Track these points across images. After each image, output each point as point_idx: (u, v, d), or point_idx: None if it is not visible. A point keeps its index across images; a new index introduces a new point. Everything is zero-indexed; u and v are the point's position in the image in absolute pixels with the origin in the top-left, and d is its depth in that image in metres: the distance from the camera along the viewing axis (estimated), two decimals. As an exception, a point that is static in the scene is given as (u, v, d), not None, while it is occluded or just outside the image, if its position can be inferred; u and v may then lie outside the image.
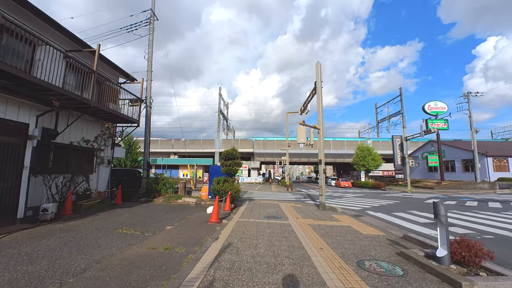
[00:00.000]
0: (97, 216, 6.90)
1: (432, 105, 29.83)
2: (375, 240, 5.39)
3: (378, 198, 16.16)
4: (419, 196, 18.41)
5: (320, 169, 10.26)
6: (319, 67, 11.17)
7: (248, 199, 13.22)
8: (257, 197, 15.63)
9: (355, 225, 6.93)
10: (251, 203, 11.55)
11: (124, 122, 11.26)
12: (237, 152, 10.09)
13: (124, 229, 5.32)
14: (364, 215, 9.23)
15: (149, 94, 13.07)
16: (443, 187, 27.27)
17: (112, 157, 11.32)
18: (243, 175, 45.95)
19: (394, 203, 13.42)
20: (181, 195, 10.58)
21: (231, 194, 9.18)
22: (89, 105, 8.22)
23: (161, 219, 6.69)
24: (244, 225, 6.32)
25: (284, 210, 9.38)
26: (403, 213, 9.77)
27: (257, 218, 7.46)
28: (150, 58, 13.44)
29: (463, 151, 29.11)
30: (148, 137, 12.74)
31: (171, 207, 8.97)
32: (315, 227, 6.48)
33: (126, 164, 22.97)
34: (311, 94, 12.68)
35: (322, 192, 10.03)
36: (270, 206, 10.63)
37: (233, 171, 9.64)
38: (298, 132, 9.73)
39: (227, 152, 9.87)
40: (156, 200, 10.04)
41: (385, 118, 58.19)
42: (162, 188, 10.78)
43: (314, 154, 46.84)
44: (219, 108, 52.19)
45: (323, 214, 8.78)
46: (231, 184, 9.44)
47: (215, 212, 6.48)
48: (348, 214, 9.22)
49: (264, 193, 19.52)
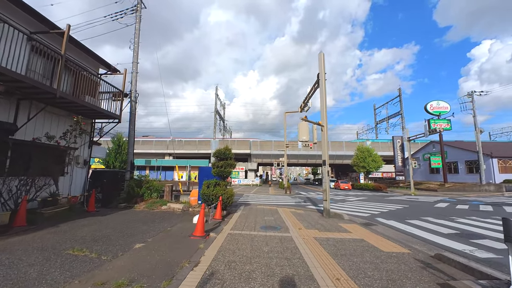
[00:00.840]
0: (55, 228, 5.63)
1: (434, 104, 28.95)
2: (401, 261, 4.22)
3: (383, 202, 15.05)
4: (425, 199, 17.33)
5: (324, 170, 9.10)
6: (323, 58, 10.05)
7: (243, 204, 12.00)
8: (254, 201, 14.41)
9: (370, 238, 5.76)
10: (247, 209, 10.33)
11: (104, 117, 10.00)
12: (231, 151, 8.89)
13: (77, 249, 4.08)
14: (375, 223, 8.07)
15: (134, 87, 11.82)
16: (447, 190, 26.31)
17: (90, 156, 10.04)
18: (239, 177, 44.72)
19: (403, 207, 12.29)
20: (167, 200, 9.33)
21: (223, 200, 7.96)
22: (54, 95, 6.96)
23: (134, 233, 5.44)
24: (235, 241, 5.11)
25: (283, 218, 8.19)
26: (418, 220, 8.64)
27: (252, 230, 6.25)
28: (136, 48, 12.20)
29: (467, 152, 28.23)
30: (132, 135, 11.48)
31: (152, 215, 7.72)
32: (322, 242, 5.29)
33: (114, 166, 21.60)
34: (312, 88, 11.55)
35: (327, 197, 8.87)
36: (267, 212, 9.43)
37: (225, 173, 8.43)
38: (300, 128, 8.58)
39: (219, 152, 8.66)
40: (138, 206, 8.78)
41: (384, 119, 57.62)
42: (146, 192, 9.52)
43: (313, 156, 45.78)
44: (216, 108, 50.96)
45: (329, 223, 7.60)
46: (223, 188, 8.22)
47: (200, 224, 5.26)
48: (357, 222, 8.05)
49: (261, 197, 18.32)
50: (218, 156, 8.63)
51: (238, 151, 45.01)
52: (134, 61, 12.08)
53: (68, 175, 8.90)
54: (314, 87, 11.36)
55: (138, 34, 12.33)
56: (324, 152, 9.20)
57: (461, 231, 6.91)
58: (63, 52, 7.26)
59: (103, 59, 10.29)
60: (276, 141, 46.04)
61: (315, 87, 11.07)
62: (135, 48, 12.16)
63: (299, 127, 8.63)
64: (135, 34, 12.29)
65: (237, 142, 47.48)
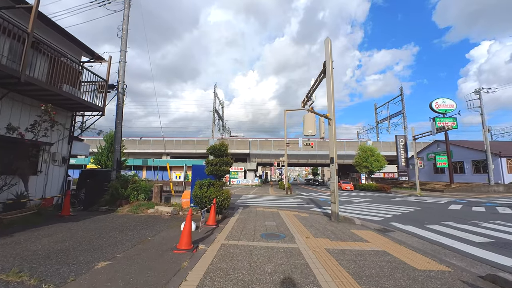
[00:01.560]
0: (7, 239, 4.57)
1: (439, 102, 28.04)
2: (445, 284, 3.20)
3: (391, 204, 14.04)
4: (434, 200, 16.33)
5: (332, 169, 8.08)
6: (329, 44, 9.04)
7: (241, 206, 10.97)
8: (253, 203, 13.37)
9: (394, 250, 4.73)
10: (245, 212, 9.30)
11: (85, 109, 8.96)
12: (227, 147, 7.87)
13: (15, 271, 3.03)
14: (391, 229, 7.05)
15: (122, 78, 10.78)
16: (454, 190, 25.35)
17: (69, 153, 8.99)
18: (238, 177, 43.70)
19: (415, 210, 11.28)
20: (155, 203, 8.29)
21: (218, 203, 6.93)
22: (18, 79, 5.92)
23: (104, 245, 4.39)
24: (230, 256, 4.08)
25: (287, 223, 7.16)
26: (439, 225, 7.62)
27: (251, 239, 5.22)
28: (125, 36, 11.16)
29: (473, 151, 27.29)
30: (119, 131, 10.42)
31: (135, 220, 6.67)
32: (338, 256, 4.27)
33: (107, 165, 20.57)
34: (317, 79, 10.53)
35: (335, 199, 7.84)
36: (268, 216, 8.40)
37: (220, 172, 7.39)
38: (305, 121, 7.55)
39: (213, 148, 7.63)
40: (121, 209, 7.73)
41: (385, 119, 56.67)
42: (132, 193, 8.48)
43: (313, 155, 44.81)
44: (214, 107, 49.94)
45: (340, 230, 6.58)
46: (218, 189, 7.19)
47: (186, 234, 4.22)
48: (371, 228, 7.03)
49: (261, 198, 17.29)
50: (213, 152, 7.59)
51: (237, 151, 43.98)
52: (122, 50, 11.03)
53: (42, 174, 7.85)
54: (319, 78, 10.34)
55: (127, 21, 11.29)
56: (332, 149, 8.18)
57: (496, 239, 5.90)
58: (30, 30, 6.21)
59: (86, 45, 9.25)
60: (276, 140, 45.04)
61: (321, 77, 10.06)
62: (123, 36, 11.12)
63: (304, 120, 7.61)
64: (124, 20, 11.25)
65: (236, 141, 46.45)
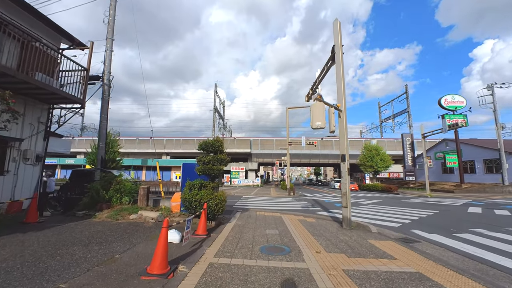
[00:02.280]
0: None
1: (449, 99, 26.81)
2: None
3: (402, 206, 12.90)
4: (448, 202, 15.15)
5: (344, 169, 6.99)
6: (339, 26, 7.96)
7: (240, 209, 9.90)
8: (253, 205, 12.30)
9: (431, 272, 3.65)
10: (244, 216, 8.23)
11: (62, 101, 7.96)
12: (222, 143, 6.82)
13: None
14: (415, 238, 5.96)
15: (108, 68, 9.76)
16: (465, 191, 24.12)
17: (45, 151, 7.98)
18: (239, 177, 42.66)
19: (433, 214, 10.15)
20: (140, 207, 7.25)
21: (210, 208, 5.87)
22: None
23: (52, 266, 3.35)
24: (218, 283, 3.02)
25: (292, 231, 6.09)
26: (469, 234, 6.51)
27: (247, 255, 4.15)
28: (111, 23, 10.15)
29: (485, 150, 26.02)
30: (104, 126, 9.40)
31: (111, 228, 5.63)
32: (362, 282, 3.19)
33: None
34: (324, 68, 9.47)
35: (347, 203, 6.75)
36: (270, 221, 7.33)
37: (213, 172, 6.32)
38: (313, 111, 6.47)
39: (205, 144, 6.57)
40: (100, 214, 6.70)
41: (389, 118, 55.46)
42: (114, 196, 7.45)
43: (316, 155, 43.63)
44: (214, 105, 48.94)
45: (355, 240, 5.49)
46: (211, 191, 6.12)
47: (160, 254, 3.16)
48: (391, 237, 5.94)
49: (261, 199, 16.20)
50: (205, 148, 6.54)
51: (238, 151, 42.95)
52: (109, 37, 10.02)
53: (11, 174, 6.84)
54: (326, 67, 9.27)
55: (114, 6, 10.27)
56: (343, 145, 7.09)
57: (551, 254, 4.79)
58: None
59: (64, 30, 8.24)
60: (277, 140, 43.97)
61: (328, 65, 8.99)
62: (110, 22, 10.10)
63: (312, 110, 6.53)
64: (110, 6, 10.24)
65: (237, 140, 45.43)
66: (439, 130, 20.39)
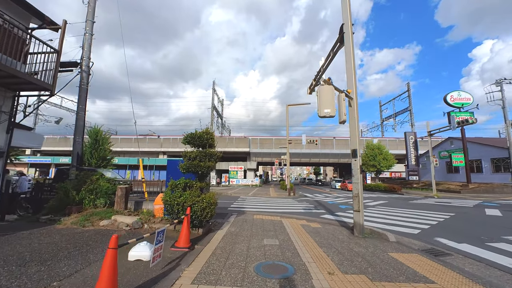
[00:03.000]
0: None
1: (455, 95, 25.82)
2: None
3: (412, 208, 11.88)
4: (459, 203, 14.14)
5: (355, 166, 5.96)
6: (348, 3, 6.92)
7: (236, 212, 8.85)
8: (251, 207, 11.25)
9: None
10: (239, 220, 7.18)
11: (27, 87, 6.87)
12: (211, 135, 5.77)
13: None
14: (442, 249, 4.93)
15: (87, 53, 8.69)
16: (472, 191, 23.14)
17: (8, 145, 6.90)
18: (238, 176, 41.61)
19: (450, 217, 9.12)
20: (116, 210, 6.19)
21: (195, 213, 4.82)
22: None
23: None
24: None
25: (295, 241, 5.04)
26: (505, 243, 5.49)
27: (238, 280, 3.10)
28: (92, 3, 9.07)
29: (493, 148, 25.05)
30: (82, 118, 8.33)
31: (70, 239, 4.56)
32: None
33: (90, 163, 18.53)
34: (330, 54, 8.42)
35: (359, 206, 5.71)
36: (268, 227, 6.29)
37: (201, 169, 5.27)
38: (320, 97, 5.40)
39: (191, 136, 5.52)
40: (66, 220, 5.64)
41: (390, 116, 54.55)
42: (86, 197, 6.39)
43: (316, 154, 42.62)
44: (212, 103, 47.94)
45: (373, 253, 4.45)
46: (197, 192, 5.07)
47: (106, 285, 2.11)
48: (414, 248, 4.90)
49: (260, 200, 15.15)
50: (191, 142, 5.49)
51: (237, 149, 41.92)
52: (89, 19, 8.94)
53: (-39, 171, 5.77)
54: (332, 52, 8.22)
55: (95, -15, 9.20)
56: (355, 138, 6.05)
57: None
58: None
59: (32, 6, 7.15)
60: (277, 138, 42.94)
61: (335, 49, 7.93)
62: (90, 3, 9.03)
63: (319, 95, 5.47)
64: (91, -16, 9.16)
65: (235, 139, 44.37)
66: (447, 127, 19.40)
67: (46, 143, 40.22)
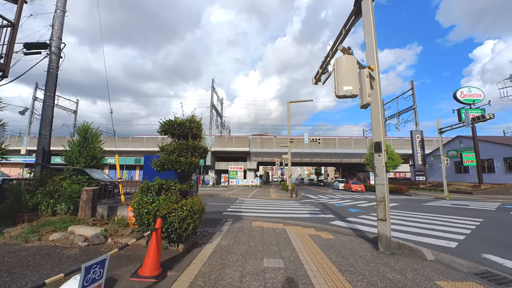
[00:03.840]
0: None
1: (465, 91, 24.56)
2: None
3: (429, 211, 10.60)
4: (477, 205, 12.84)
5: (379, 162, 4.71)
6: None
7: (232, 217, 7.59)
8: (249, 211, 9.97)
9: None
10: (234, 230, 5.93)
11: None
12: (197, 124, 4.53)
13: None
14: (503, 273, 3.67)
15: (57, 33, 7.45)
16: (484, 192, 21.86)
17: (-49, 139, 5.65)
18: (238, 177, 40.33)
19: (480, 223, 7.85)
20: (79, 218, 4.94)
21: (172, 225, 3.57)
22: None
23: None
24: None
25: (305, 261, 3.79)
26: None
27: None
28: (65, -24, 7.84)
29: (506, 147, 23.76)
30: (49, 108, 7.08)
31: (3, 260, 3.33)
32: None
33: (79, 162, 17.29)
34: (342, 32, 7.17)
35: (386, 215, 4.45)
36: (270, 239, 5.03)
37: (180, 167, 4.01)
38: (339, 70, 4.08)
39: (169, 124, 4.27)
40: (10, 231, 4.38)
41: (394, 115, 53.26)
42: (43, 202, 5.14)
43: (318, 154, 41.29)
44: (212, 102, 46.75)
45: (414, 281, 3.19)
46: (175, 197, 3.82)
47: None
48: (463, 271, 3.65)
49: (260, 202, 13.88)
50: (169, 130, 4.24)
51: (237, 149, 40.63)
52: (61, -6, 7.71)
53: None
54: (344, 29, 6.96)
55: (69, -44, 7.97)
56: (378, 126, 4.80)
57: None
58: None
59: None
60: (278, 138, 41.65)
61: (348, 24, 6.67)
62: (63, -25, 7.79)
63: (336, 68, 4.15)
64: (65, -46, 7.93)
65: (235, 139, 43.08)
66: (460, 124, 18.12)
67: (40, 143, 39.01)
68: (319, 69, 9.56)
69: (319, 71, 9.59)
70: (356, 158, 41.89)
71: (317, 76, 9.88)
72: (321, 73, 9.63)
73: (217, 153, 41.53)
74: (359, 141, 42.71)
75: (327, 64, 9.07)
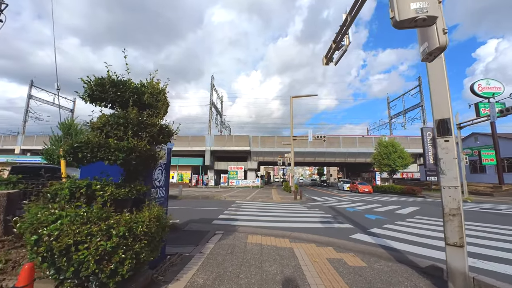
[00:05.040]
0: None
1: (483, 84, 22.67)
2: None
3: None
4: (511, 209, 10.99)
5: (447, 151, 2.93)
6: None
7: (222, 227, 5.83)
8: (246, 218, 8.19)
9: None
10: (220, 251, 4.17)
11: None
12: (154, 87, 2.77)
13: None
14: None
15: (-5, -10, 5.75)
16: (507, 193, 20.00)
17: None
18: (238, 177, 38.58)
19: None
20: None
21: (84, 265, 1.83)
22: None
23: None
24: None
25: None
26: None
27: None
28: None
29: (528, 145, 21.82)
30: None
31: None
32: None
33: (58, 156, 15.62)
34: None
35: (462, 237, 2.69)
36: (270, 269, 3.27)
37: (109, 155, 2.26)
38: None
39: (99, 83, 2.51)
40: None
41: (400, 113, 51.36)
42: None
43: (321, 153, 39.43)
44: (211, 100, 45.05)
45: None
46: (96, 212, 2.08)
47: None
48: None
49: (260, 206, 12.09)
50: (100, 95, 2.49)
51: (237, 148, 38.84)
52: None
53: None
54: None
55: None
56: (445, 97, 3.03)
57: None
58: None
59: None
60: (279, 136, 39.85)
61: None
62: None
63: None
64: None
65: (235, 138, 41.28)
66: (484, 118, 16.27)
67: (36, 142, 37.62)
68: (332, 44, 7.69)
69: (332, 46, 7.73)
70: (361, 158, 40.01)
71: (329, 55, 8.06)
72: (334, 49, 7.81)
73: (217, 153, 39.79)
74: (364, 140, 40.79)
75: (343, 35, 7.25)
